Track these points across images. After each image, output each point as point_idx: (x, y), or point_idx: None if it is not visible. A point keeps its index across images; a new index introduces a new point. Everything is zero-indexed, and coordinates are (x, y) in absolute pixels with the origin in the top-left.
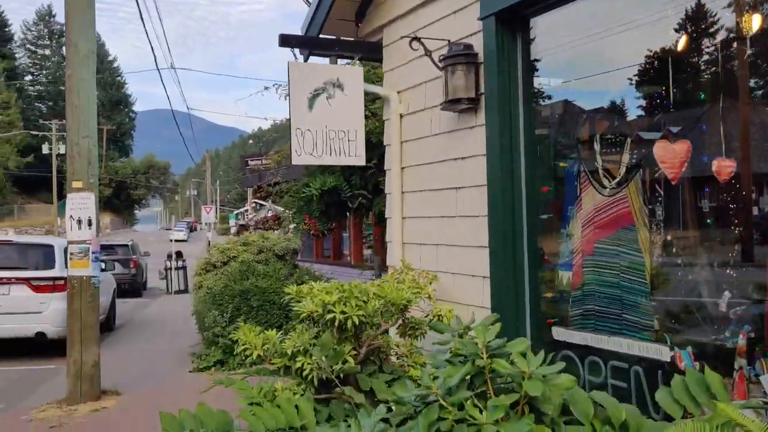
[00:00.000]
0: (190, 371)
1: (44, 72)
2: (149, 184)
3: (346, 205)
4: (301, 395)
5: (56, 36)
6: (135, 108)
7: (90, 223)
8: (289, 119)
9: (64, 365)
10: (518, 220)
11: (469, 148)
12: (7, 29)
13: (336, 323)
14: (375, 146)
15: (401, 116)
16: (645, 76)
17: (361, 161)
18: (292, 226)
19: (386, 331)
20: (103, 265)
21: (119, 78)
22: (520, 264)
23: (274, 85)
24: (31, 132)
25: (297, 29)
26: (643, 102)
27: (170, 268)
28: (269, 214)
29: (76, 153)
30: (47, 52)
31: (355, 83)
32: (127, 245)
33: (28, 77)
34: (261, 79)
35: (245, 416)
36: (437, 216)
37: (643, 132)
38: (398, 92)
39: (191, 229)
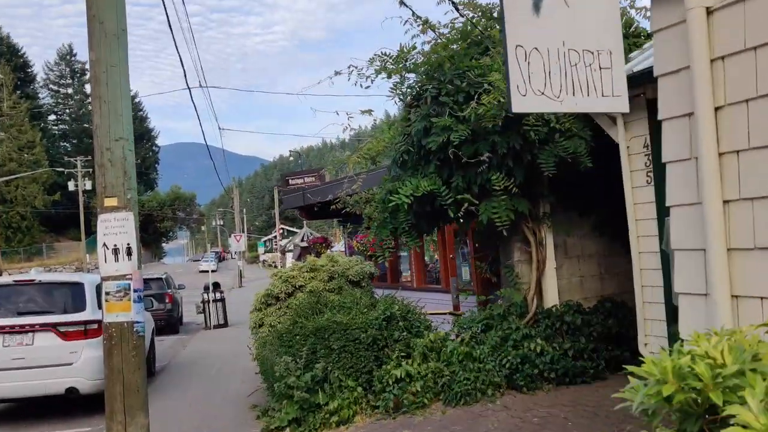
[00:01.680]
0: None
1: (67, 111)
2: (175, 216)
3: (441, 215)
4: None
5: (78, 74)
6: (158, 142)
7: (129, 252)
8: (502, 34)
9: (103, 425)
10: None
11: None
12: (29, 70)
13: None
14: (484, 132)
15: (709, 12)
16: None
17: (623, 106)
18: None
19: None
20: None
21: (141, 112)
22: None
23: (349, 67)
24: (57, 170)
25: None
26: None
27: (208, 301)
28: (310, 238)
29: (107, 161)
30: (70, 90)
31: None
32: (161, 278)
33: (52, 117)
34: (290, 93)
35: None
36: None
37: None
38: None
39: (220, 258)
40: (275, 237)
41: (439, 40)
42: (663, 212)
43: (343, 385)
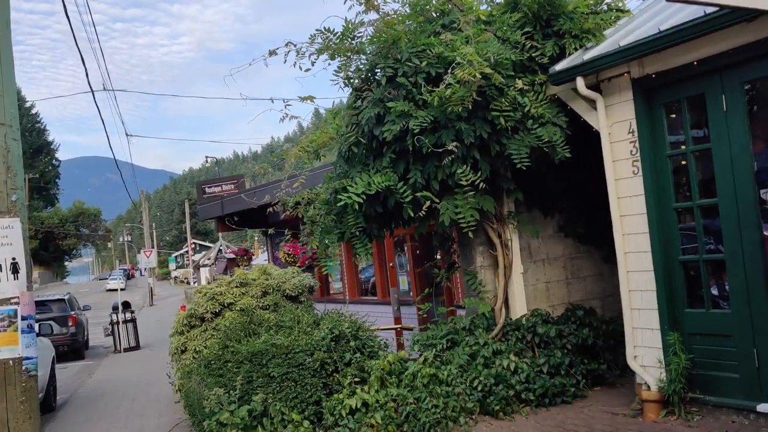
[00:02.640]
0: None
1: None
2: (79, 232)
3: (393, 217)
4: None
5: None
6: (59, 156)
7: (16, 269)
8: None
9: None
10: None
11: None
12: None
13: None
14: (447, 119)
15: None
16: None
17: None
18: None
19: None
20: (36, 328)
21: (39, 124)
22: None
23: (287, 45)
24: None
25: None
26: None
27: (117, 322)
28: (227, 250)
29: None
30: None
31: None
32: (63, 299)
33: None
34: (206, 97)
35: None
36: None
37: None
38: None
39: (128, 276)
40: (187, 252)
41: (388, 17)
42: (656, 205)
43: (287, 420)
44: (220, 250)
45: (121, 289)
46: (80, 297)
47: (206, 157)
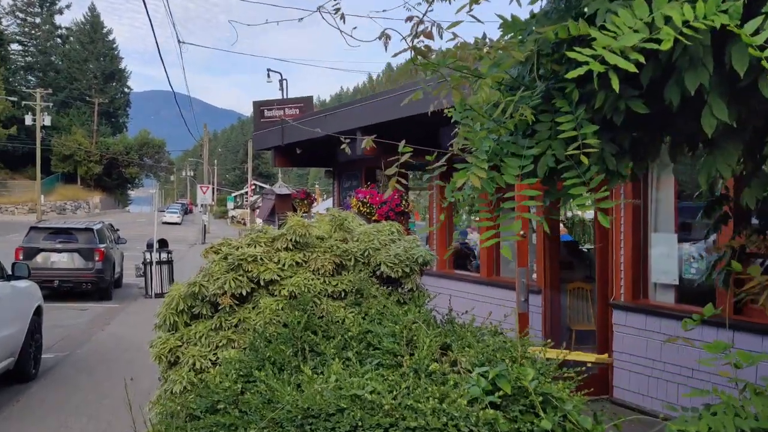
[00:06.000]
0: None
1: (34, 41)
2: (142, 162)
3: (675, 125)
4: None
5: (47, 3)
6: (133, 87)
7: None
8: None
9: None
10: None
11: None
12: None
13: None
14: None
15: None
16: None
17: None
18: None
19: None
20: None
21: (113, 51)
22: None
23: None
24: (11, 99)
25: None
26: None
27: (150, 263)
28: (282, 192)
29: None
30: (37, 20)
31: None
32: (90, 229)
33: (17, 46)
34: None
35: None
36: None
37: None
38: None
39: (186, 211)
40: (247, 193)
41: None
42: None
43: None
44: (281, 187)
45: (177, 224)
46: (136, 227)
47: (268, 70)
